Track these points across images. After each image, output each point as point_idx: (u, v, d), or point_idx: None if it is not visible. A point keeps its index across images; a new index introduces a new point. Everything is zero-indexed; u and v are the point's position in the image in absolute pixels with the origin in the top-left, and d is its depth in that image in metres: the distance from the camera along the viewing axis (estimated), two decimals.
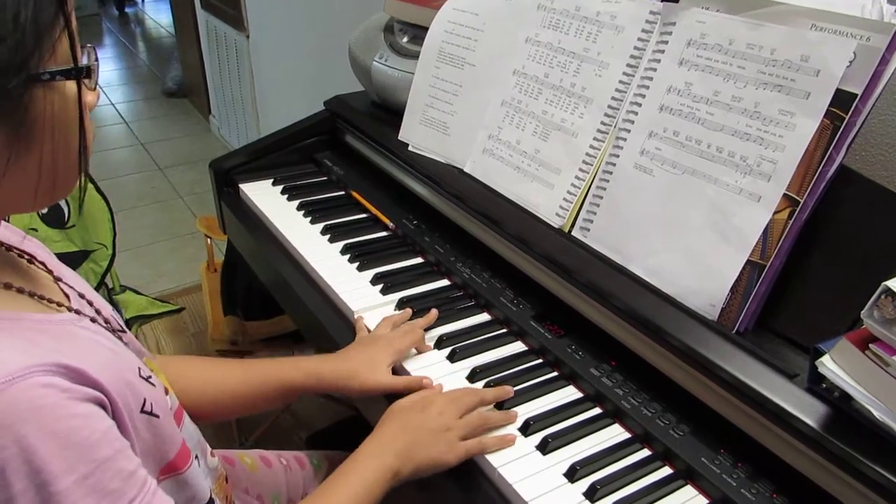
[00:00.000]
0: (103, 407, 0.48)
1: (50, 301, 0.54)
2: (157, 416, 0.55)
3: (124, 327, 0.65)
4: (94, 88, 0.51)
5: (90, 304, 0.61)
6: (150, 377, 0.57)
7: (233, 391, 0.78)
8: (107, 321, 0.61)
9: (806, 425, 0.59)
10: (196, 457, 0.64)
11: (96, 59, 0.50)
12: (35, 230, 1.64)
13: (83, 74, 0.48)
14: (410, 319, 0.86)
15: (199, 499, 0.63)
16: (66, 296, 0.58)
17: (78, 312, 0.56)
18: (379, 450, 0.67)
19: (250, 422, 1.66)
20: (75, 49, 0.46)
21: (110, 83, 4.14)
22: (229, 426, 1.64)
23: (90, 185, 1.72)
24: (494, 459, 0.68)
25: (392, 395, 0.75)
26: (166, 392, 0.61)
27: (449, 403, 0.71)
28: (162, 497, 0.50)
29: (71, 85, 0.47)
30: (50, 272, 0.60)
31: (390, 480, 0.65)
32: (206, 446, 0.71)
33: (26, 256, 0.59)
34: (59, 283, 0.60)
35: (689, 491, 0.66)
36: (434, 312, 0.86)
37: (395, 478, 0.66)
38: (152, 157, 3.22)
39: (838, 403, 0.59)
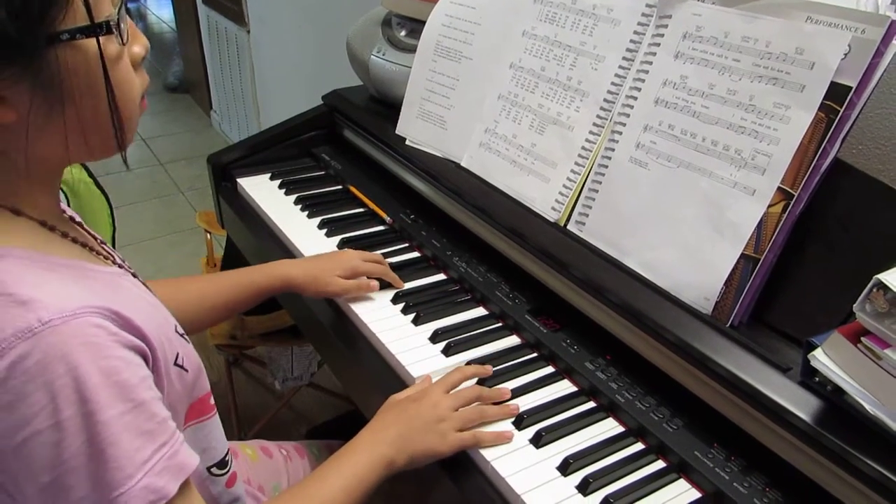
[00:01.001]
0: (144, 357, 0.51)
1: (98, 254, 0.58)
2: (186, 371, 0.58)
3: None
4: (125, 43, 0.51)
5: (128, 268, 0.64)
6: (184, 334, 0.61)
7: (211, 303, 0.86)
8: (143, 283, 0.64)
9: (799, 419, 0.59)
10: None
11: (118, 13, 0.49)
12: None
13: (103, 31, 0.48)
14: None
15: (219, 450, 0.66)
16: (111, 255, 0.62)
17: (121, 267, 0.60)
18: (373, 439, 0.67)
19: (250, 416, 1.67)
20: (90, 7, 0.46)
21: None
22: (230, 421, 1.65)
23: (90, 180, 1.73)
24: (488, 453, 0.68)
25: (386, 386, 0.75)
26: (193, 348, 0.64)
27: (445, 395, 0.71)
28: (188, 449, 0.52)
29: (94, 43, 0.47)
30: (94, 237, 0.64)
31: (384, 469, 0.66)
32: None
33: (77, 220, 0.63)
34: (103, 245, 0.64)
35: (682, 484, 0.66)
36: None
37: (390, 467, 0.66)
38: (153, 152, 3.22)
39: (831, 397, 0.59)
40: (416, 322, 0.85)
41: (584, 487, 0.64)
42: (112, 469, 0.45)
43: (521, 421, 0.71)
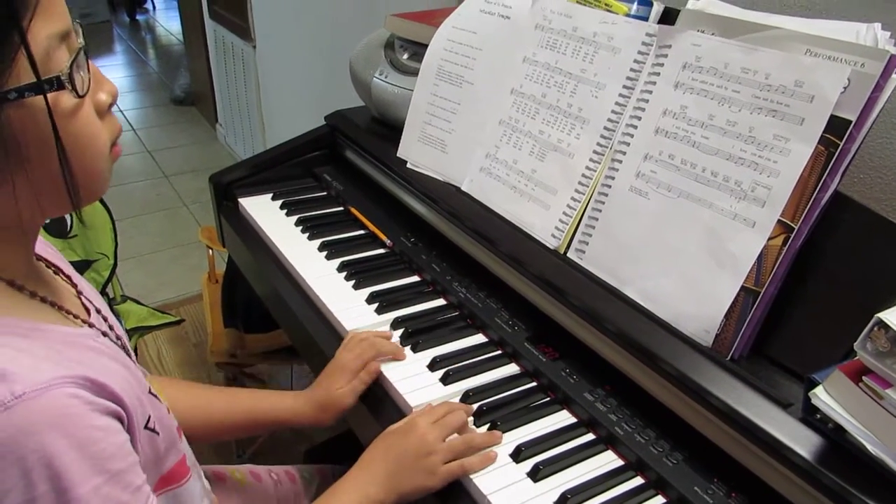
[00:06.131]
0: (121, 421, 0.50)
1: (68, 314, 0.55)
2: (157, 433, 0.57)
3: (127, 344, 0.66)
4: (82, 94, 0.48)
5: (105, 319, 0.62)
6: (157, 394, 0.59)
7: (219, 420, 0.82)
8: (118, 337, 0.62)
9: (800, 457, 0.58)
10: (193, 475, 0.65)
11: (72, 64, 0.47)
12: None
13: (54, 87, 0.45)
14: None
15: None
16: (87, 310, 0.60)
17: (92, 326, 0.57)
18: (361, 480, 0.67)
19: None
20: (34, 63, 0.44)
21: (119, 90, 4.14)
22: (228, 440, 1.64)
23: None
24: (484, 486, 0.67)
25: (384, 415, 0.75)
26: (168, 411, 0.62)
27: (433, 426, 0.70)
28: None
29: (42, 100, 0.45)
30: (74, 286, 0.62)
31: None
32: (199, 468, 0.71)
33: (53, 268, 0.61)
34: (81, 296, 0.61)
35: None
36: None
37: None
38: (158, 165, 3.24)
39: (832, 435, 0.59)
40: (414, 349, 0.85)
41: None
42: None
43: (518, 453, 0.71)
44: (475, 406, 0.76)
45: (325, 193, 1.23)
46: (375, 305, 0.93)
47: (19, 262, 0.53)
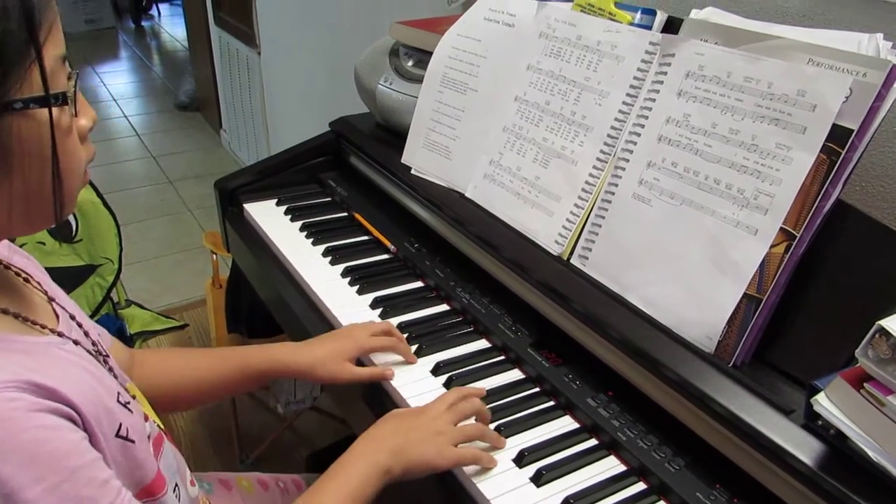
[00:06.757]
0: (73, 422, 0.49)
1: (34, 323, 0.56)
2: (132, 442, 0.56)
3: (107, 352, 0.66)
4: (75, 114, 0.52)
5: (79, 326, 0.62)
6: (128, 403, 0.58)
7: (208, 380, 0.82)
8: (94, 344, 0.62)
9: (801, 463, 0.58)
10: (176, 485, 0.64)
11: (75, 86, 0.51)
12: (43, 244, 1.66)
13: (58, 102, 0.48)
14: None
15: None
16: (57, 316, 0.60)
17: (61, 335, 0.57)
18: (369, 448, 0.67)
19: (251, 440, 1.67)
20: (45, 78, 0.47)
21: (124, 96, 4.20)
22: (230, 444, 1.64)
23: (98, 200, 1.74)
24: (487, 491, 0.67)
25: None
26: (146, 419, 0.62)
27: (445, 409, 0.71)
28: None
29: (46, 113, 0.48)
30: (44, 292, 0.62)
31: (381, 478, 0.65)
32: (187, 474, 0.70)
33: (23, 275, 0.61)
34: (53, 303, 0.61)
35: None
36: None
37: (386, 476, 0.66)
38: (163, 170, 3.25)
39: (834, 442, 0.59)
40: (417, 354, 0.85)
41: None
42: None
43: (521, 458, 0.71)
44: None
45: (329, 199, 1.23)
46: (379, 310, 0.94)
47: None
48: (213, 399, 0.86)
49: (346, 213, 1.19)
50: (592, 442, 0.74)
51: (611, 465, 0.72)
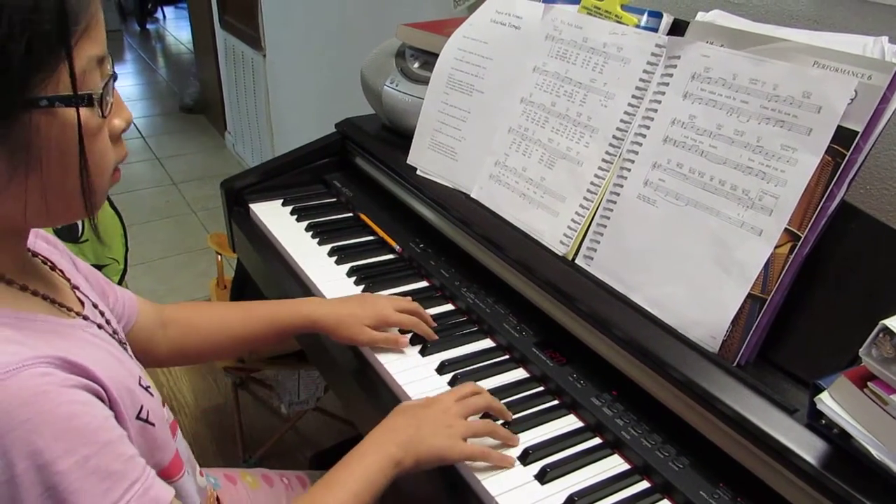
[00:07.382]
0: (101, 399, 0.50)
1: (62, 306, 0.57)
2: (152, 424, 0.57)
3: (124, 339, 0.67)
4: (105, 116, 0.51)
5: (101, 314, 0.64)
6: (149, 387, 0.60)
7: (235, 334, 0.85)
8: (115, 332, 0.64)
9: (805, 462, 0.59)
10: (187, 472, 0.65)
11: (103, 88, 0.50)
12: None
13: (84, 103, 0.48)
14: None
15: None
16: (81, 303, 0.61)
17: (86, 318, 0.59)
18: (381, 440, 0.68)
19: (256, 439, 1.67)
20: (74, 77, 0.47)
21: (129, 98, 4.21)
22: (234, 443, 1.65)
23: (104, 201, 1.75)
24: (492, 488, 0.68)
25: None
26: (163, 405, 0.63)
27: (455, 402, 0.72)
28: (161, 483, 0.52)
29: (73, 112, 0.48)
30: (68, 280, 0.63)
31: (393, 470, 0.66)
32: (196, 465, 0.72)
33: (49, 263, 0.62)
34: (76, 291, 0.63)
35: None
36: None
37: (398, 468, 0.66)
38: (167, 172, 3.27)
39: (837, 441, 0.59)
40: (423, 353, 0.86)
41: None
42: None
43: (526, 456, 0.71)
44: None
45: (334, 199, 1.24)
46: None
47: (9, 259, 0.54)
48: (242, 352, 0.90)
49: (351, 214, 1.19)
50: (596, 440, 0.75)
51: (615, 464, 0.72)
